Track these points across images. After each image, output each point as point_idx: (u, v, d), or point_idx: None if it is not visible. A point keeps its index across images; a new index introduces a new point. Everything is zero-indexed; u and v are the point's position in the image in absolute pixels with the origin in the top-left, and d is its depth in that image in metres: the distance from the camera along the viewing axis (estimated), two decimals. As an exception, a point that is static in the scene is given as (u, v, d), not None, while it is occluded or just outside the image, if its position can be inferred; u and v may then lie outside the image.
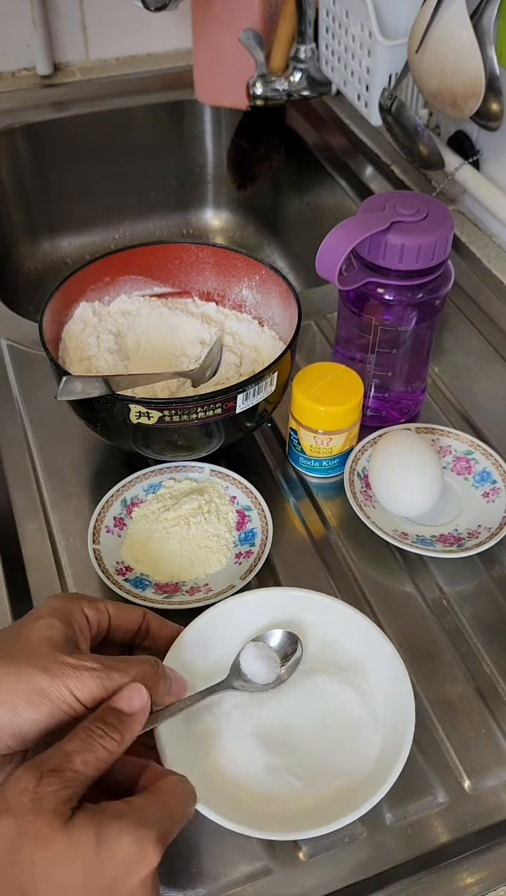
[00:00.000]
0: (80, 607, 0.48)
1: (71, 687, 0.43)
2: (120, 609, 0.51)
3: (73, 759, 0.41)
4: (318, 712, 0.52)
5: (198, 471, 0.67)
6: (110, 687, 0.44)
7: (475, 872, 0.49)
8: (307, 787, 0.49)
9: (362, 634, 0.54)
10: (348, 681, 0.53)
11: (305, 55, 0.99)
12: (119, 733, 0.43)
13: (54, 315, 0.68)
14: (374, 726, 0.51)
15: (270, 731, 0.51)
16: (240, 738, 0.51)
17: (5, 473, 0.70)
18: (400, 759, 0.48)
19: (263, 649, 0.52)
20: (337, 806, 0.47)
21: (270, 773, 0.49)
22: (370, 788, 0.47)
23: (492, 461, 0.68)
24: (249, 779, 0.49)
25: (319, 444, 0.66)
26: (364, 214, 0.63)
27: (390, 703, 0.51)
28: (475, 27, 0.77)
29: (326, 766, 0.50)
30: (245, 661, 0.52)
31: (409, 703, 0.50)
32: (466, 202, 0.98)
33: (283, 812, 0.48)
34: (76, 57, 1.23)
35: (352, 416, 0.66)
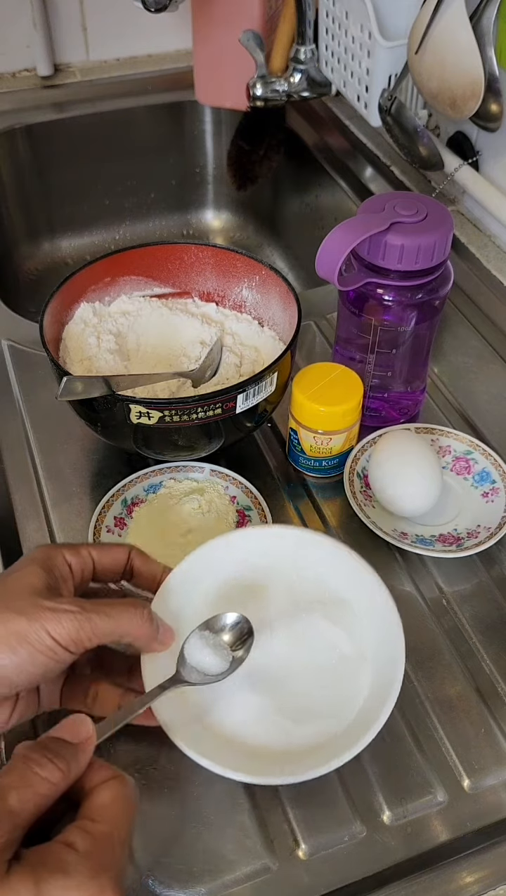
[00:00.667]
0: (61, 554, 0.48)
1: (49, 629, 0.43)
2: (103, 551, 0.50)
3: (8, 797, 0.37)
4: (307, 652, 0.51)
5: (198, 471, 0.67)
6: (89, 629, 0.44)
7: (475, 871, 0.49)
8: (299, 728, 0.49)
9: (350, 571, 0.53)
10: (336, 619, 0.52)
11: (304, 56, 0.99)
12: (64, 762, 0.39)
13: (55, 315, 0.68)
14: (362, 664, 0.51)
15: (260, 674, 0.50)
16: (231, 683, 0.50)
17: (6, 473, 0.70)
18: (391, 694, 0.47)
19: (209, 638, 0.50)
20: (330, 747, 0.47)
21: (262, 716, 0.49)
22: (362, 728, 0.47)
23: (491, 461, 0.68)
24: (241, 723, 0.49)
25: (318, 444, 0.66)
26: (364, 215, 0.64)
27: (380, 640, 0.51)
28: (475, 28, 0.77)
29: (317, 707, 0.50)
30: (190, 652, 0.49)
31: (398, 639, 0.49)
32: (465, 203, 0.98)
33: (276, 756, 0.47)
34: (76, 58, 1.24)
35: (352, 416, 0.66)
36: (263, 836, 0.50)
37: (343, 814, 0.51)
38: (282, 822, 0.51)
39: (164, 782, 0.52)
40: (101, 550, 0.50)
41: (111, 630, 0.45)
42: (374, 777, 0.52)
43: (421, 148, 0.93)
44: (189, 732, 0.46)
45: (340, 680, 0.51)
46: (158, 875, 0.48)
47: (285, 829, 0.50)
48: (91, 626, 0.44)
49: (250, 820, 0.51)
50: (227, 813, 0.51)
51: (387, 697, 0.48)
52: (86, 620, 0.44)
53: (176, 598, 0.51)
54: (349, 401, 0.65)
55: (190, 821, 0.51)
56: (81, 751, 0.41)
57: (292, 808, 0.51)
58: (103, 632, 0.44)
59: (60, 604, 0.44)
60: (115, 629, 0.45)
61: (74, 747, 0.41)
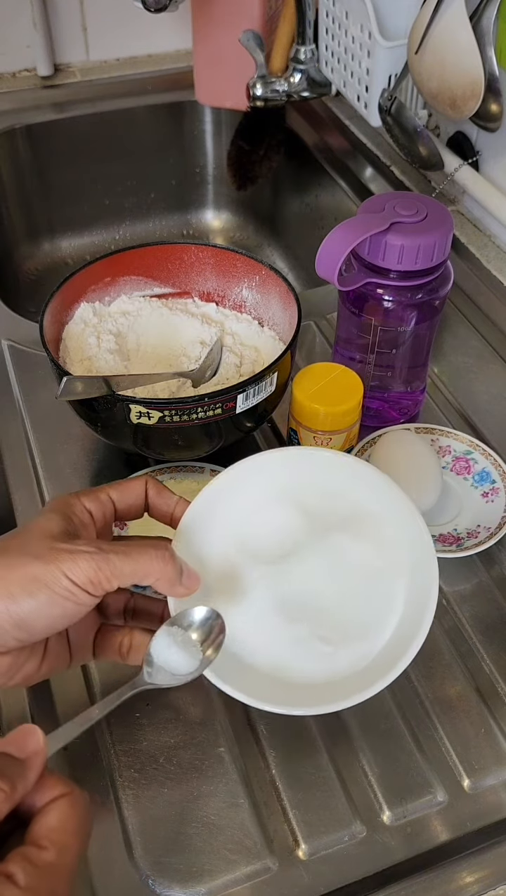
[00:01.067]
0: (80, 501, 0.47)
1: (64, 569, 0.41)
2: (121, 489, 0.49)
3: None
4: (338, 571, 0.50)
5: (198, 471, 0.67)
6: (108, 569, 0.42)
7: (475, 871, 0.49)
8: (338, 651, 0.47)
9: (370, 482, 0.51)
10: (363, 533, 0.51)
11: (304, 56, 0.99)
12: (7, 781, 0.36)
13: (55, 315, 0.68)
14: (394, 577, 0.49)
15: (292, 600, 0.49)
16: (263, 613, 0.49)
17: (6, 473, 0.70)
18: (429, 605, 0.46)
19: (177, 634, 0.47)
20: (373, 669, 0.45)
21: (298, 643, 0.48)
22: (400, 648, 0.45)
23: (491, 461, 0.68)
24: (279, 655, 0.47)
25: (319, 443, 0.66)
26: (364, 215, 0.64)
27: (407, 550, 0.49)
28: (475, 28, 0.77)
29: (353, 627, 0.48)
30: (158, 651, 0.46)
31: (428, 546, 0.48)
32: (465, 203, 0.99)
33: (320, 684, 0.46)
34: (76, 58, 1.24)
35: (352, 416, 0.66)
36: (263, 836, 0.50)
37: (343, 814, 0.51)
38: (282, 822, 0.51)
39: (164, 782, 0.52)
40: (119, 489, 0.49)
41: (131, 570, 0.43)
42: (374, 777, 0.53)
43: (421, 148, 0.93)
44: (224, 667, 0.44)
45: (373, 596, 0.49)
46: (158, 875, 0.48)
47: (285, 829, 0.51)
48: (109, 566, 0.42)
49: (250, 820, 0.51)
50: (227, 813, 0.51)
51: (425, 608, 0.46)
52: (104, 560, 0.42)
53: (195, 540, 0.49)
54: (349, 401, 0.65)
55: (190, 821, 0.51)
56: (28, 767, 0.37)
57: (292, 808, 0.51)
58: (123, 572, 0.43)
59: (77, 545, 0.43)
60: (136, 569, 0.43)
61: (21, 764, 0.37)
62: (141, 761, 0.53)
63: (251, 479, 0.52)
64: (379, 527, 0.51)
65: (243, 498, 0.51)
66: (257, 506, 0.51)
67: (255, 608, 0.49)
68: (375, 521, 0.51)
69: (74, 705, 0.55)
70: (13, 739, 0.38)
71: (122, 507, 0.49)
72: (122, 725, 0.55)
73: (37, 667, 0.46)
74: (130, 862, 0.49)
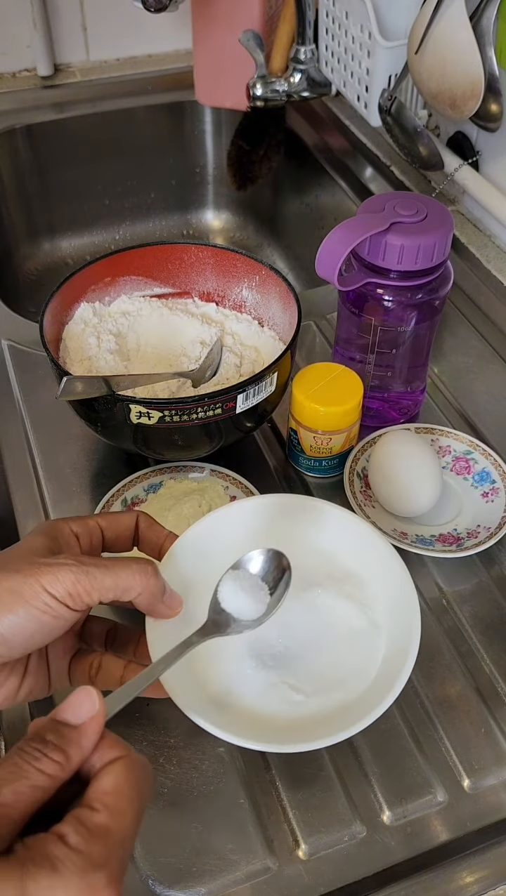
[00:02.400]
0: (67, 525, 0.47)
1: (43, 582, 0.40)
2: (111, 519, 0.48)
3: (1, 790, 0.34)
4: (316, 626, 0.49)
5: (198, 471, 0.67)
6: (87, 582, 0.41)
7: (475, 871, 0.49)
8: (309, 700, 0.47)
9: (361, 541, 0.51)
10: (346, 593, 0.50)
11: (304, 56, 0.99)
12: (61, 753, 0.36)
13: (55, 315, 0.68)
14: (375, 633, 0.49)
15: (267, 648, 0.48)
16: (237, 656, 0.48)
17: (6, 473, 0.70)
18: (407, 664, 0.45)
19: (245, 578, 0.46)
20: (342, 717, 0.45)
21: (269, 688, 0.47)
22: (376, 698, 0.45)
23: (491, 461, 0.68)
24: (248, 696, 0.47)
25: (318, 443, 0.66)
26: (364, 215, 0.64)
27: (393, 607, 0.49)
28: (475, 28, 0.77)
29: (327, 679, 0.47)
30: (225, 597, 0.45)
31: (413, 606, 0.47)
32: (465, 203, 0.99)
33: (285, 726, 0.45)
34: (76, 58, 1.24)
35: (352, 416, 0.66)
36: (263, 836, 0.50)
37: (343, 814, 0.51)
38: (282, 822, 0.51)
39: (164, 782, 0.52)
40: (109, 518, 0.48)
41: (112, 583, 0.42)
42: (374, 777, 0.53)
43: (421, 148, 0.93)
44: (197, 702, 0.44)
45: (350, 653, 0.48)
46: (158, 875, 0.48)
47: (285, 829, 0.51)
48: (89, 579, 0.41)
49: (250, 820, 0.51)
50: (227, 813, 0.51)
51: (402, 667, 0.45)
52: (83, 573, 0.41)
53: (181, 568, 0.49)
54: (349, 401, 0.65)
55: (190, 821, 0.51)
56: (84, 734, 0.37)
57: (292, 808, 0.51)
58: (103, 585, 0.42)
59: (57, 559, 0.42)
60: (117, 583, 0.42)
61: (77, 731, 0.36)
62: (141, 761, 0.53)
63: (243, 521, 0.52)
64: (364, 586, 0.50)
65: (233, 538, 0.51)
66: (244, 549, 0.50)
67: (231, 648, 0.48)
68: (361, 581, 0.51)
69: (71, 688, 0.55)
70: (69, 705, 0.37)
71: (111, 536, 0.49)
72: (122, 725, 0.55)
73: (17, 686, 0.45)
74: (130, 861, 0.49)
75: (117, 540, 0.49)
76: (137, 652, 0.49)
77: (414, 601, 0.47)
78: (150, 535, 0.50)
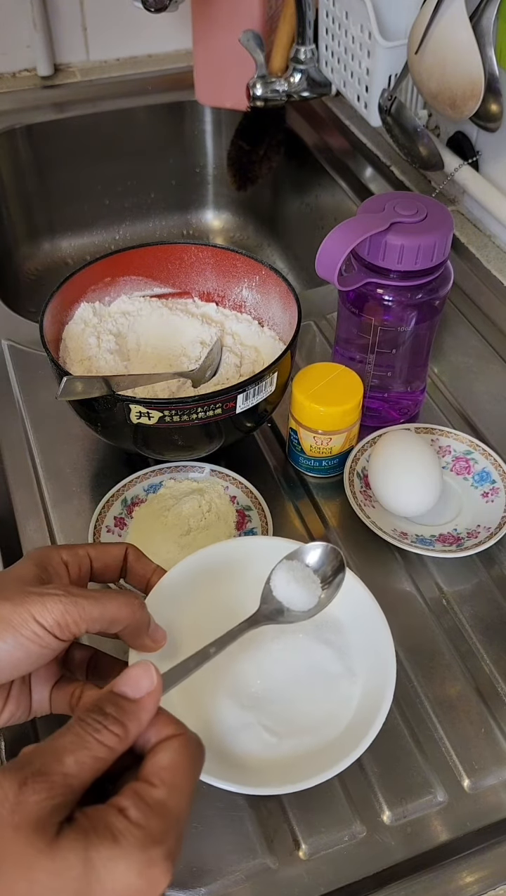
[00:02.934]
0: (57, 553, 0.47)
1: (33, 612, 0.41)
2: (100, 549, 0.49)
3: (64, 760, 0.35)
4: (294, 669, 0.50)
5: (198, 471, 0.67)
6: (75, 612, 0.42)
7: (475, 871, 0.49)
8: (282, 743, 0.47)
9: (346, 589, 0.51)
10: (324, 638, 0.51)
11: (304, 56, 0.99)
12: (120, 726, 0.37)
13: (55, 315, 0.68)
14: (351, 681, 0.50)
15: (245, 688, 0.49)
16: (213, 694, 0.49)
17: (6, 473, 0.70)
18: (380, 713, 0.46)
19: (299, 570, 0.46)
20: (315, 762, 0.45)
21: (244, 729, 0.48)
22: (350, 744, 0.45)
23: (491, 461, 0.68)
24: (223, 735, 0.47)
25: (319, 444, 0.66)
26: (364, 215, 0.64)
27: (369, 656, 0.49)
28: (475, 28, 0.77)
29: (301, 723, 0.48)
30: (277, 585, 0.45)
31: (389, 655, 0.48)
32: (465, 203, 0.99)
33: (259, 767, 0.46)
34: (77, 58, 1.24)
35: (352, 416, 0.66)
36: (263, 836, 0.50)
37: (343, 814, 0.51)
38: (282, 822, 0.51)
39: (164, 782, 0.52)
40: (99, 549, 0.49)
41: (99, 615, 0.43)
42: (374, 777, 0.52)
43: (421, 148, 0.93)
44: None
45: (325, 698, 0.49)
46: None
47: (285, 829, 0.51)
48: (77, 609, 0.42)
49: (250, 820, 0.51)
50: (227, 813, 0.51)
51: (374, 719, 0.46)
52: (72, 604, 0.42)
53: (167, 603, 0.50)
54: (349, 401, 0.65)
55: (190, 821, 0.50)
56: (143, 708, 0.38)
57: (292, 808, 0.51)
58: (91, 616, 0.42)
59: (46, 588, 0.43)
60: (104, 613, 0.43)
61: (135, 705, 0.38)
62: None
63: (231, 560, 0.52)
64: (343, 633, 0.51)
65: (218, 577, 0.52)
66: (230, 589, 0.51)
67: (210, 685, 0.49)
68: (340, 628, 0.51)
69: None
70: (128, 679, 0.38)
71: (99, 565, 0.49)
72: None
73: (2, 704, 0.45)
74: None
75: (105, 570, 0.50)
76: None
77: (390, 652, 0.48)
78: (138, 568, 0.51)
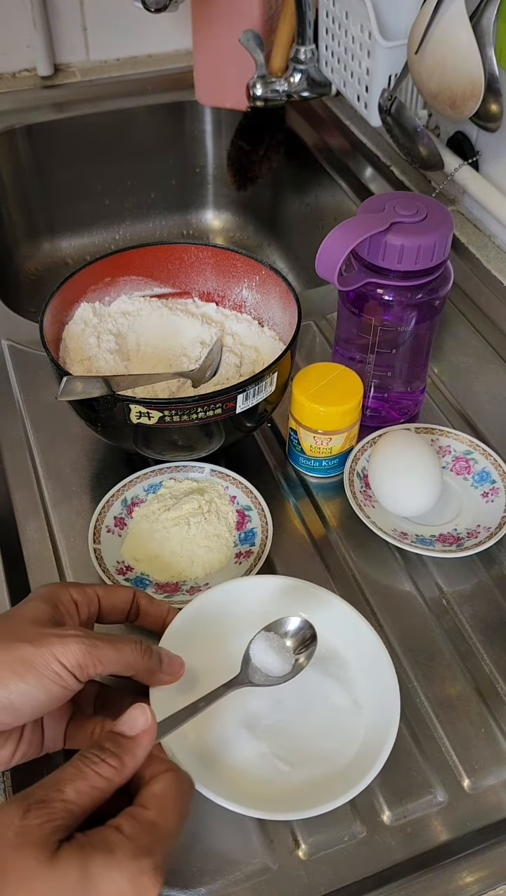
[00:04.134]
0: (67, 592, 0.49)
1: (56, 653, 0.43)
2: (109, 590, 0.51)
3: (64, 788, 0.39)
4: (304, 702, 0.52)
5: (198, 471, 0.67)
6: (95, 655, 0.44)
7: (475, 871, 0.49)
8: (295, 771, 0.50)
9: (349, 626, 0.54)
10: (331, 672, 0.54)
11: (304, 56, 0.99)
12: (117, 759, 0.41)
13: (55, 315, 0.68)
14: (357, 713, 0.52)
15: (258, 720, 0.52)
16: (229, 725, 0.51)
17: (6, 473, 0.70)
18: (386, 745, 0.49)
19: (274, 640, 0.51)
20: (327, 789, 0.48)
21: (259, 758, 0.50)
22: (358, 773, 0.48)
23: (491, 461, 0.68)
24: (238, 762, 0.50)
25: (318, 444, 0.66)
26: (364, 215, 0.64)
27: (374, 689, 0.52)
28: (475, 28, 0.77)
29: (312, 753, 0.51)
30: (256, 653, 0.51)
31: (392, 687, 0.51)
32: (465, 203, 0.99)
33: (272, 794, 0.49)
34: (76, 58, 1.24)
35: (351, 416, 0.66)
36: (263, 836, 0.50)
37: (343, 814, 0.51)
38: (282, 822, 0.51)
39: (164, 782, 0.52)
40: (107, 590, 0.51)
41: (115, 659, 0.45)
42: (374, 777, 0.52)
43: (421, 148, 0.93)
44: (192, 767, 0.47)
45: (334, 729, 0.52)
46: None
47: (285, 829, 0.51)
48: (97, 651, 0.44)
49: (250, 820, 0.51)
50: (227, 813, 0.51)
51: (381, 748, 0.49)
52: (91, 646, 0.44)
53: (181, 639, 0.52)
54: (349, 401, 0.65)
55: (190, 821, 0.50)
56: (138, 745, 0.42)
57: (292, 808, 0.51)
58: (109, 659, 0.45)
59: (66, 630, 0.45)
60: (119, 658, 0.45)
61: (132, 741, 0.42)
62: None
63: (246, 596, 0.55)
64: (347, 668, 0.54)
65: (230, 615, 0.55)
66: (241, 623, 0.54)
67: (226, 716, 0.51)
68: (344, 662, 0.54)
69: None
70: (126, 718, 0.43)
71: (107, 606, 0.51)
72: (122, 725, 0.55)
73: (11, 754, 0.47)
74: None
75: (112, 611, 0.51)
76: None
77: (395, 687, 0.51)
78: (152, 611, 0.52)
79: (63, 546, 0.64)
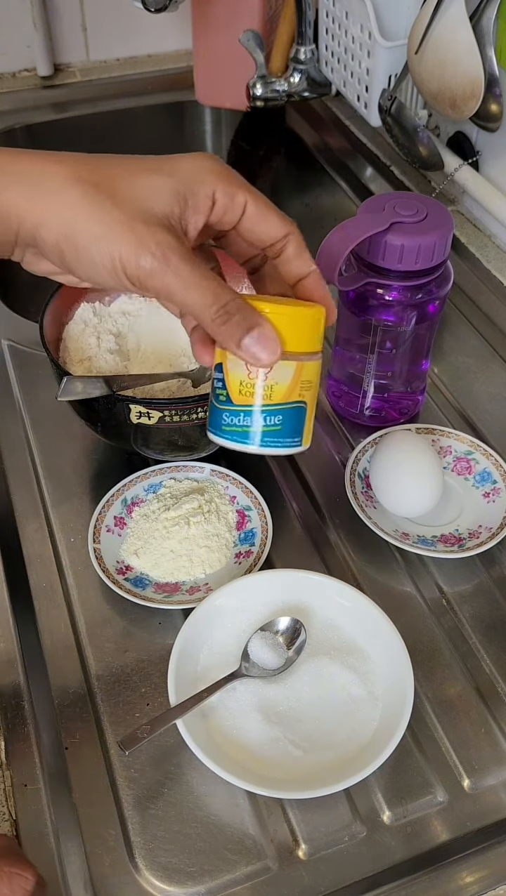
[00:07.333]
0: (211, 188, 0.41)
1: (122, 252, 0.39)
2: (262, 212, 0.42)
3: None
4: (319, 691, 0.55)
5: (198, 470, 0.67)
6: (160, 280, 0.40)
7: (475, 871, 0.49)
8: (307, 756, 0.52)
9: (363, 615, 0.57)
10: (349, 664, 0.55)
11: (304, 56, 0.99)
12: None
13: (55, 315, 0.68)
14: (373, 704, 0.54)
15: (273, 707, 0.54)
16: (244, 711, 0.53)
17: (6, 473, 0.70)
18: (397, 733, 0.51)
19: (269, 637, 0.56)
20: (334, 773, 0.50)
21: (271, 742, 0.52)
22: (367, 759, 0.50)
23: (492, 461, 0.68)
24: (251, 746, 0.52)
25: (253, 377, 0.43)
26: (364, 215, 0.64)
27: (390, 682, 0.54)
28: (475, 28, 0.77)
29: (324, 739, 0.52)
30: (253, 650, 0.55)
31: (408, 681, 0.53)
32: (465, 203, 0.98)
33: (283, 776, 0.50)
34: (77, 58, 1.24)
35: (309, 334, 0.43)
36: (263, 836, 0.50)
37: (343, 814, 0.51)
38: (282, 822, 0.51)
39: (164, 782, 0.52)
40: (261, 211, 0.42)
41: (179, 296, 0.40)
42: (374, 777, 0.52)
43: (421, 148, 0.93)
44: (209, 750, 0.50)
45: (347, 718, 0.53)
46: (158, 875, 0.48)
47: (285, 829, 0.51)
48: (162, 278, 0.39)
49: (250, 820, 0.51)
50: (227, 813, 0.51)
51: (392, 736, 0.51)
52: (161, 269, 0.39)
53: (206, 627, 0.56)
54: (307, 306, 0.44)
55: (190, 821, 0.51)
56: None
57: (292, 809, 0.51)
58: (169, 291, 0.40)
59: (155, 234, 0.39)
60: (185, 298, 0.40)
61: None
62: (141, 761, 0.53)
63: (260, 591, 0.58)
64: (365, 661, 0.56)
65: (251, 606, 0.58)
66: (266, 612, 0.58)
67: (241, 701, 0.54)
68: (363, 655, 0.56)
69: (71, 687, 0.56)
70: None
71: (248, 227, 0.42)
72: (122, 725, 0.55)
73: None
74: (130, 862, 0.49)
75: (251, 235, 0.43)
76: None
77: (410, 680, 0.53)
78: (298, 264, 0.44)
79: (63, 546, 0.64)
